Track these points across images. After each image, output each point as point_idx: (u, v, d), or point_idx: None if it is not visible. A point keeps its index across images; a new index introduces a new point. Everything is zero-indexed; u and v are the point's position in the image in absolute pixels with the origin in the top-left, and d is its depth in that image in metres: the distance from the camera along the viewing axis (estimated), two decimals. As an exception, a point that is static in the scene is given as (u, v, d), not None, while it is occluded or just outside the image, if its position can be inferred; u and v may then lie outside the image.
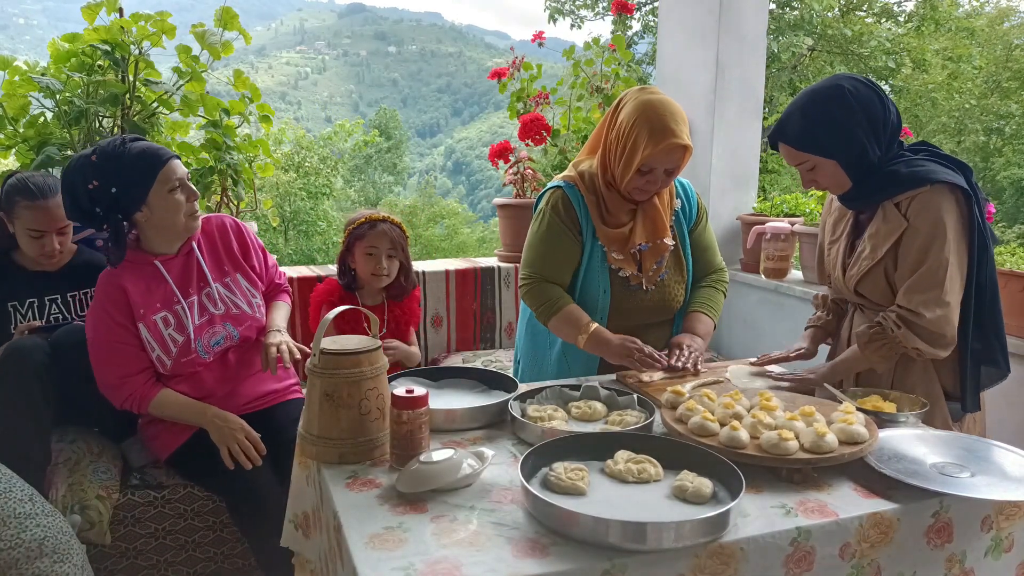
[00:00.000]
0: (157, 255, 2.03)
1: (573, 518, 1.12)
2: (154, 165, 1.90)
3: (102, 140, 1.95)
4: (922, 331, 1.65)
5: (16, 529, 1.69)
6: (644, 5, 15.67)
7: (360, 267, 2.43)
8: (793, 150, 1.77)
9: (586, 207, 2.00)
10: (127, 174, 1.88)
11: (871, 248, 1.77)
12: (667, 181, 1.94)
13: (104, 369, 1.99)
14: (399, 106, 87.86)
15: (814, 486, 1.32)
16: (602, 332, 1.92)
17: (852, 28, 13.86)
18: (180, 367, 2.03)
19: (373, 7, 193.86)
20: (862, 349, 1.74)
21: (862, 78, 1.75)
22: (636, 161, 1.85)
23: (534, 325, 2.15)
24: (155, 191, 1.91)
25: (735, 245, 3.56)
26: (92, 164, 1.88)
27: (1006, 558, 1.40)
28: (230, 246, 2.17)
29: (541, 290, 2.00)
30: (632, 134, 1.86)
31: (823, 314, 2.03)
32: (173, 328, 2.02)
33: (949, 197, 1.67)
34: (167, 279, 2.03)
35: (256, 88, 2.94)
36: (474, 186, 66.18)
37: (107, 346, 1.98)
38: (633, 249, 2.00)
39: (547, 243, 2.00)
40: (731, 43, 3.38)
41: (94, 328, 1.99)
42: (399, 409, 1.38)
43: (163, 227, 1.98)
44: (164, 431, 2.09)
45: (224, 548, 2.21)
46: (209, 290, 2.09)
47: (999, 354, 1.79)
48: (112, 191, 1.88)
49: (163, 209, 1.94)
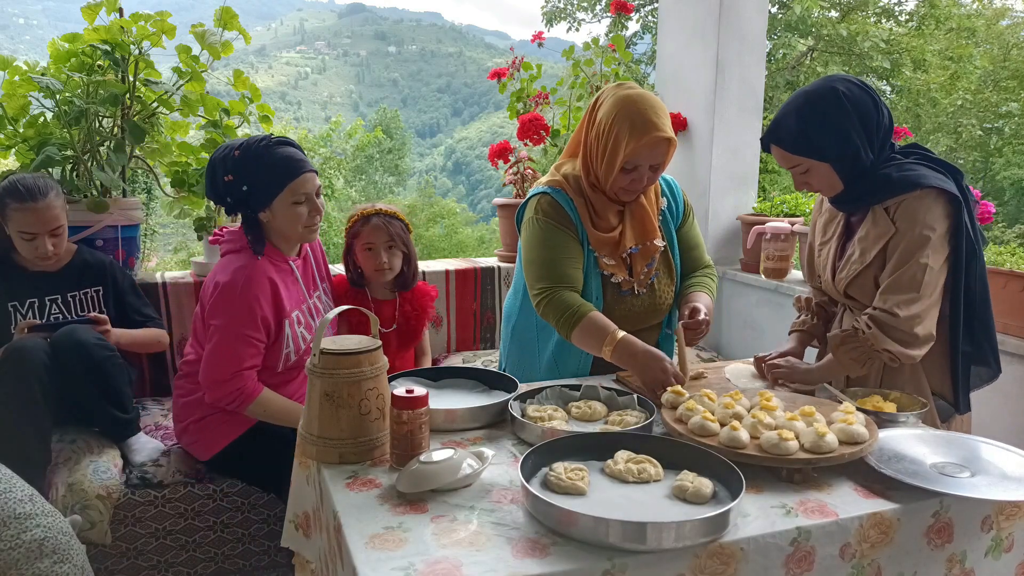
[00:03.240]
0: (285, 255, 2.10)
1: (573, 518, 1.12)
2: (287, 175, 1.97)
3: (253, 136, 2.01)
4: (893, 331, 1.64)
5: (16, 529, 1.69)
6: (644, 6, 15.67)
7: (363, 265, 2.42)
8: (786, 153, 1.75)
9: (576, 209, 1.93)
10: (262, 176, 1.96)
11: (860, 252, 1.77)
12: (653, 178, 1.87)
13: (223, 361, 1.95)
14: (399, 106, 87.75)
15: (814, 486, 1.32)
16: (630, 344, 1.76)
17: (849, 28, 13.85)
18: (299, 363, 2.09)
19: (373, 7, 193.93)
20: (834, 352, 1.73)
21: (856, 80, 1.74)
22: (619, 159, 1.79)
23: (520, 331, 2.11)
24: (281, 198, 1.98)
25: (735, 245, 3.56)
26: (233, 159, 1.96)
27: (1006, 558, 1.40)
28: (323, 259, 2.33)
29: (559, 301, 1.85)
30: (613, 131, 1.79)
31: (807, 317, 2.02)
32: (303, 327, 2.09)
33: (937, 202, 1.67)
34: (298, 279, 2.12)
35: (256, 88, 2.94)
36: (474, 186, 66.16)
37: (241, 339, 1.95)
38: (624, 253, 1.95)
39: (548, 247, 1.90)
40: (731, 43, 3.38)
41: (233, 317, 1.95)
42: (399, 409, 1.38)
43: (281, 232, 2.06)
44: (209, 432, 2.08)
45: (224, 548, 2.21)
46: (320, 293, 2.22)
47: (990, 355, 1.80)
48: (244, 188, 1.96)
49: (283, 217, 2.01)
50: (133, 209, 2.69)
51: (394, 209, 2.47)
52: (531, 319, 2.07)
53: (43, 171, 2.46)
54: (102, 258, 2.43)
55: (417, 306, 2.51)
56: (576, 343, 1.86)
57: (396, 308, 2.49)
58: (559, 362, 2.04)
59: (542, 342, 2.07)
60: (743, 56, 3.42)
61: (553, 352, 2.04)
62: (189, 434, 2.12)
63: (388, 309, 2.48)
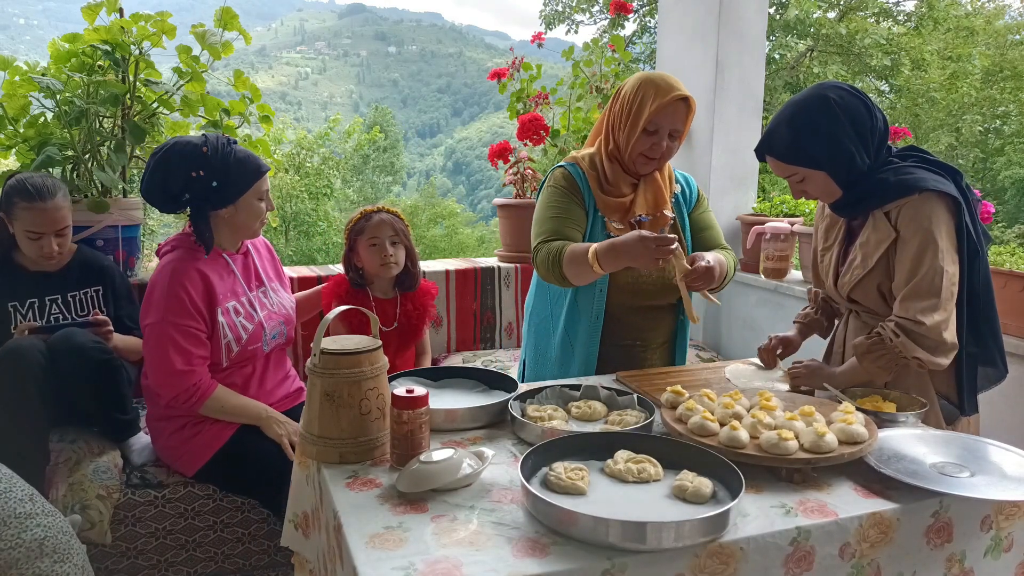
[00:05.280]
0: (223, 250, 2.14)
1: (573, 518, 1.12)
2: (256, 172, 2.06)
3: (209, 135, 2.05)
4: (922, 339, 1.63)
5: (16, 529, 1.69)
6: (641, 8, 15.68)
7: (367, 262, 2.42)
8: (781, 163, 1.75)
9: (587, 180, 2.02)
10: (232, 173, 2.01)
11: (862, 257, 1.76)
12: (671, 148, 1.96)
13: (170, 356, 1.98)
14: (399, 106, 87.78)
15: (814, 486, 1.32)
16: (608, 241, 1.79)
17: (848, 27, 13.86)
18: (244, 355, 2.11)
19: (373, 7, 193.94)
20: (860, 360, 1.72)
21: (847, 86, 1.73)
22: (643, 119, 1.90)
23: (537, 322, 2.15)
24: (248, 196, 2.06)
25: (735, 245, 3.56)
26: (203, 156, 1.99)
27: (1005, 558, 1.40)
28: (271, 260, 2.34)
29: (549, 247, 1.92)
30: (638, 96, 1.92)
31: (811, 311, 2.04)
32: (243, 317, 2.11)
33: (938, 204, 1.66)
34: (235, 272, 2.14)
35: (256, 88, 2.94)
36: (474, 186, 66.20)
37: (179, 329, 1.98)
38: (633, 220, 1.96)
39: (552, 208, 2.00)
40: (731, 43, 3.39)
41: (166, 310, 1.98)
42: (399, 409, 1.38)
43: (239, 227, 2.11)
44: (188, 446, 2.09)
45: (224, 548, 2.21)
46: (264, 289, 2.23)
47: (997, 356, 1.79)
48: (213, 184, 2.00)
49: (246, 212, 2.08)
50: (133, 209, 2.70)
51: (395, 209, 2.49)
52: (545, 307, 2.13)
53: (45, 171, 2.46)
54: (102, 259, 2.43)
55: (418, 304, 2.51)
56: (570, 276, 1.88)
57: (397, 306, 2.49)
58: (570, 335, 2.05)
59: (555, 321, 2.09)
60: (743, 57, 3.42)
61: (564, 328, 2.06)
62: (169, 451, 2.13)
63: (390, 308, 2.48)
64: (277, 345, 2.23)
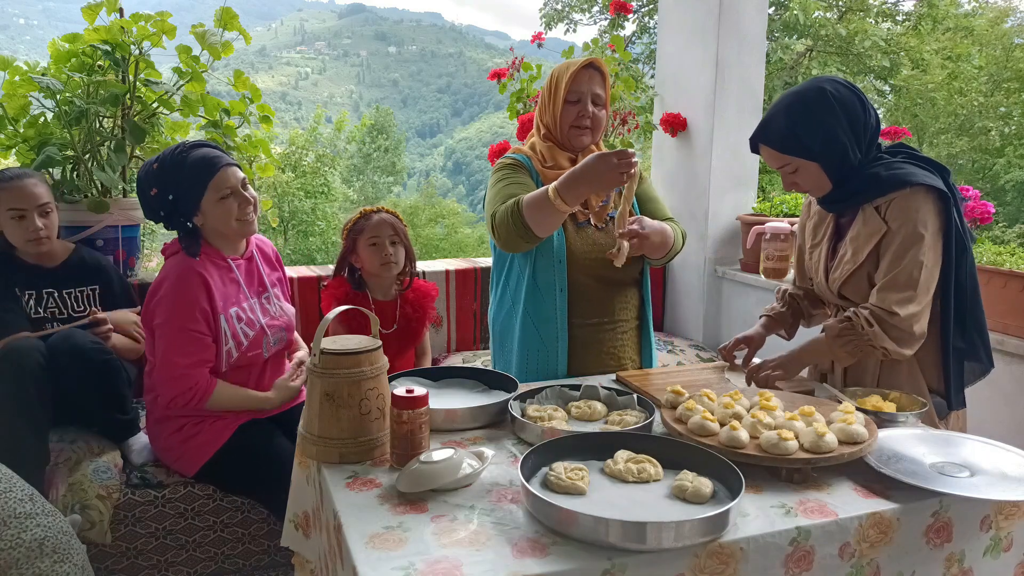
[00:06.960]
0: (226, 255, 2.12)
1: (573, 518, 1.12)
2: (207, 174, 2.00)
3: (167, 148, 2.05)
4: (892, 329, 1.65)
5: (17, 529, 1.69)
6: (641, 8, 15.68)
7: (367, 262, 2.42)
8: (775, 152, 1.77)
9: (531, 161, 2.08)
10: (183, 182, 1.99)
11: (852, 251, 1.78)
12: (598, 116, 2.02)
13: (172, 357, 1.99)
14: (399, 106, 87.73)
15: (814, 486, 1.32)
16: (567, 173, 1.79)
17: (847, 27, 13.85)
18: (243, 361, 2.10)
19: (373, 7, 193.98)
20: (829, 341, 1.74)
21: (843, 81, 1.76)
22: (563, 92, 1.99)
23: (499, 327, 2.15)
24: (207, 199, 2.01)
25: (735, 245, 3.56)
26: (153, 172, 2.00)
27: (1005, 557, 1.41)
28: (274, 266, 2.32)
29: (504, 207, 1.90)
30: (554, 77, 2.05)
31: (778, 306, 2.05)
32: (244, 323, 2.10)
33: (927, 199, 1.68)
34: (238, 277, 2.13)
35: (256, 88, 2.94)
36: (474, 186, 66.19)
37: (184, 332, 1.99)
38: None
39: (503, 180, 2.03)
40: (731, 43, 3.38)
41: (172, 313, 1.99)
42: (399, 409, 1.38)
43: (217, 231, 2.08)
44: (188, 446, 2.09)
45: (224, 548, 2.21)
46: (267, 295, 2.21)
47: (982, 351, 1.81)
48: (169, 198, 2.00)
49: (214, 216, 2.04)
50: (133, 209, 2.69)
51: (394, 211, 2.50)
52: (501, 311, 2.14)
53: (43, 171, 2.46)
54: (100, 259, 2.43)
55: (418, 307, 2.52)
56: (533, 223, 1.84)
57: (397, 309, 2.49)
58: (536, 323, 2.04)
59: (511, 335, 2.09)
60: (743, 56, 3.42)
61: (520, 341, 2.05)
62: (169, 451, 2.14)
63: (389, 310, 2.49)
64: (277, 351, 2.23)
